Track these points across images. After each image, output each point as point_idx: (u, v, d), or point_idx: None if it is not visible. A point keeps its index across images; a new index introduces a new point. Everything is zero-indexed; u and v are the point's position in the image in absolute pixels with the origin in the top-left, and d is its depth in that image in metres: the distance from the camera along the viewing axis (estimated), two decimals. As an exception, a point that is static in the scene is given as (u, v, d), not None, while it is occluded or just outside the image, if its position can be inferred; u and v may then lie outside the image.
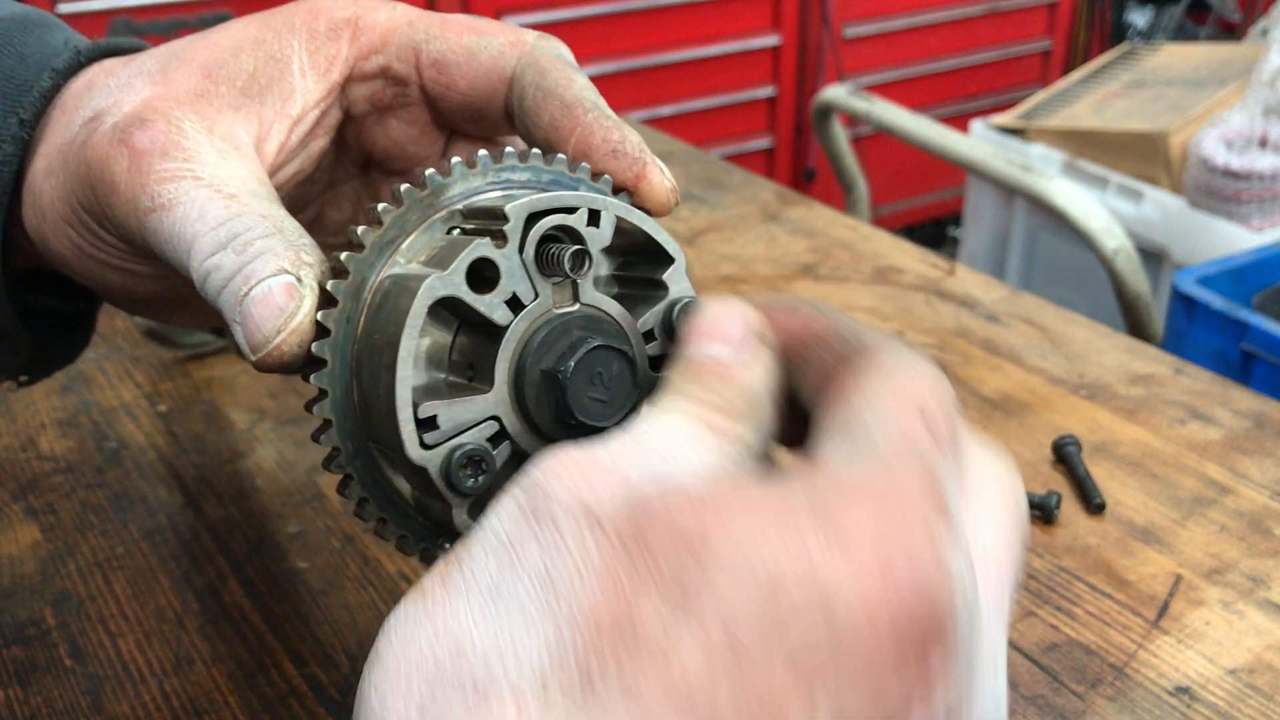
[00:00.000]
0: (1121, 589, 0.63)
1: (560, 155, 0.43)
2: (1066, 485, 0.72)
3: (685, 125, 3.13)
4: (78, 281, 0.51)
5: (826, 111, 2.24)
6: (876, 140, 3.28)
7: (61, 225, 0.48)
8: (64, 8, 2.37)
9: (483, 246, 0.38)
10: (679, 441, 0.34)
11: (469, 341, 0.39)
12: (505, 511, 0.32)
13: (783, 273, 1.01)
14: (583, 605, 0.29)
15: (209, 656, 0.60)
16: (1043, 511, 0.68)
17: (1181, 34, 3.93)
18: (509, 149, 0.42)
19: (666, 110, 3.12)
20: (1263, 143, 2.12)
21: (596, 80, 0.51)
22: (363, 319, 0.40)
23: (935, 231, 3.89)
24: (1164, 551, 0.66)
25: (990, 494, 0.35)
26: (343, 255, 0.40)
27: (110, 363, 0.87)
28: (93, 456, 0.77)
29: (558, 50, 0.49)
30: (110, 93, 0.47)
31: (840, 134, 2.31)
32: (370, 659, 0.31)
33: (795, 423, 0.38)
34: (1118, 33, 3.94)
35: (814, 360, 0.38)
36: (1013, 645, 0.59)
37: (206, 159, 0.44)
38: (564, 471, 0.32)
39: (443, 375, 0.39)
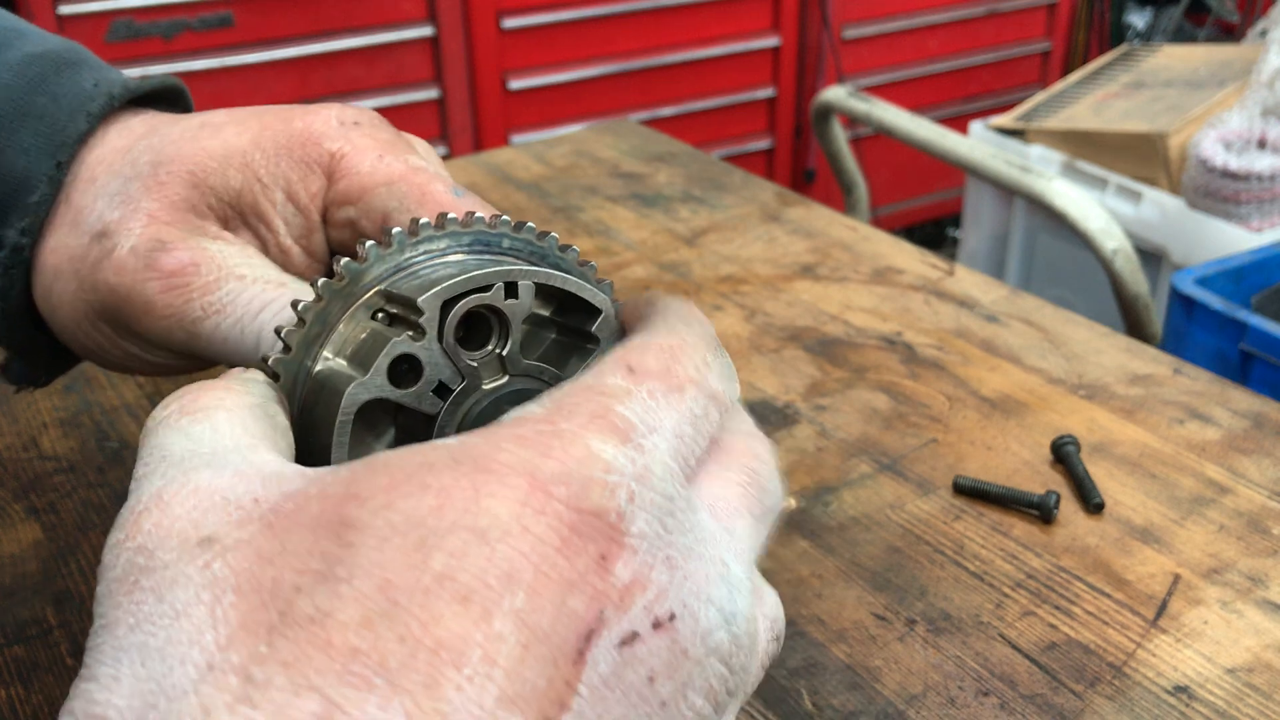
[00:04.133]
0: (1120, 588, 0.63)
1: (478, 214, 0.43)
2: (1065, 485, 0.72)
3: (685, 126, 3.13)
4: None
5: (826, 112, 2.24)
6: (876, 141, 3.28)
7: (79, 325, 0.49)
8: (65, 9, 2.37)
9: (400, 344, 0.37)
10: (209, 441, 0.34)
11: (408, 422, 0.39)
12: (104, 581, 0.30)
13: (782, 273, 1.01)
14: (226, 619, 0.28)
15: (210, 655, 0.60)
16: (1041, 511, 0.69)
17: (1180, 35, 3.93)
18: (424, 219, 0.42)
19: (666, 111, 3.12)
20: (1261, 143, 2.13)
21: (597, 81, 0.51)
22: (297, 418, 0.40)
23: (935, 232, 3.89)
24: (1163, 551, 0.66)
25: (728, 456, 0.38)
26: (271, 359, 0.40)
27: (111, 363, 0.87)
28: (94, 456, 0.77)
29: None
30: (112, 201, 0.47)
31: (840, 135, 2.31)
32: None
33: None
34: (1117, 34, 3.94)
35: None
36: (1011, 644, 0.60)
37: (236, 258, 0.46)
38: (149, 521, 0.31)
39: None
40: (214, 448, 0.33)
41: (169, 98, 0.55)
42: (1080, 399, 0.81)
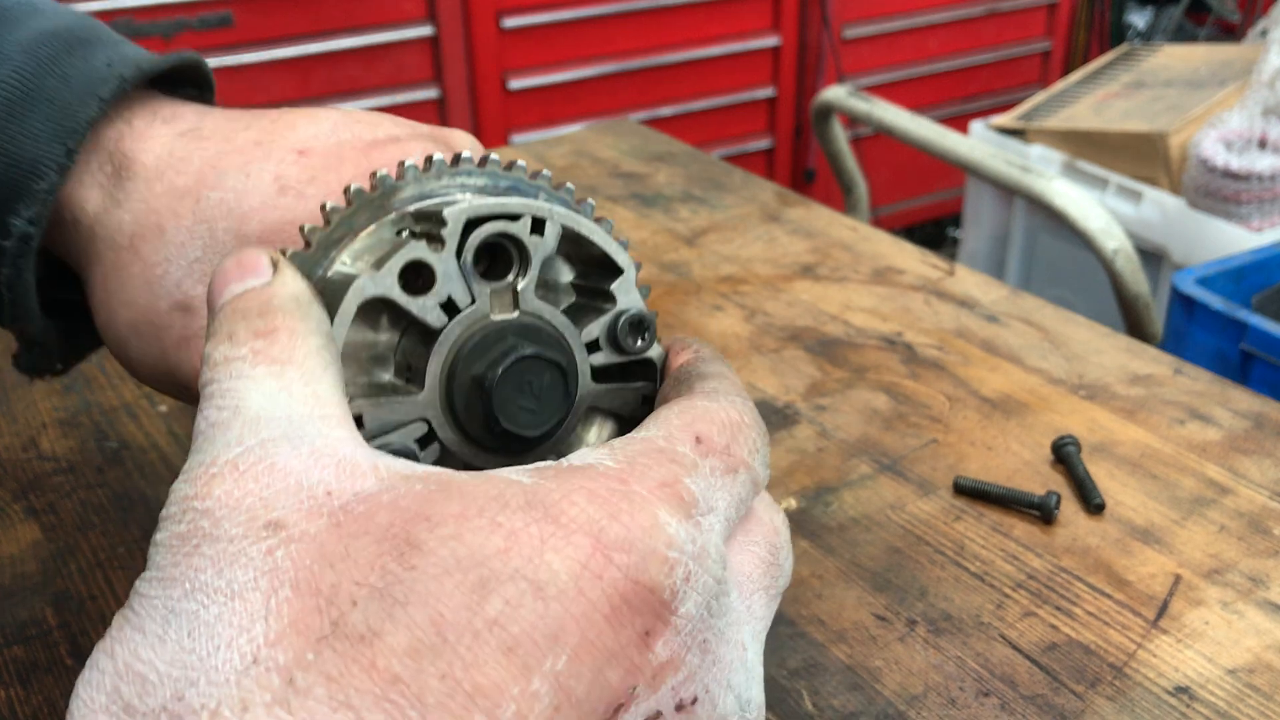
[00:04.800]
0: (1121, 589, 0.63)
1: (520, 163, 0.42)
2: (1066, 485, 0.72)
3: (685, 125, 3.13)
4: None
5: (826, 112, 2.24)
6: (876, 141, 3.28)
7: (159, 382, 0.49)
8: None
9: (417, 249, 0.37)
10: (284, 404, 0.33)
11: (410, 344, 0.39)
12: (167, 531, 0.30)
13: (783, 273, 1.01)
14: (279, 613, 0.28)
15: (210, 656, 0.60)
16: (1042, 512, 0.68)
17: (1181, 35, 3.93)
18: (465, 153, 0.41)
19: (666, 110, 3.12)
20: (1262, 143, 2.13)
21: (597, 80, 0.51)
22: None
23: (935, 232, 3.89)
24: (1163, 551, 0.66)
25: (756, 528, 0.38)
26: (288, 251, 0.39)
27: (111, 363, 0.87)
28: (94, 456, 0.77)
29: None
30: (191, 271, 0.46)
31: (840, 134, 2.31)
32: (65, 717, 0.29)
33: None
34: (1117, 33, 3.94)
35: (665, 398, 0.40)
36: (1012, 645, 0.60)
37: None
38: (220, 488, 0.30)
39: (387, 377, 0.39)
40: (289, 413, 0.32)
41: (188, 74, 0.54)
42: (1081, 399, 0.81)
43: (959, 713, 0.55)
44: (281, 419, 0.32)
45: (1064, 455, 0.73)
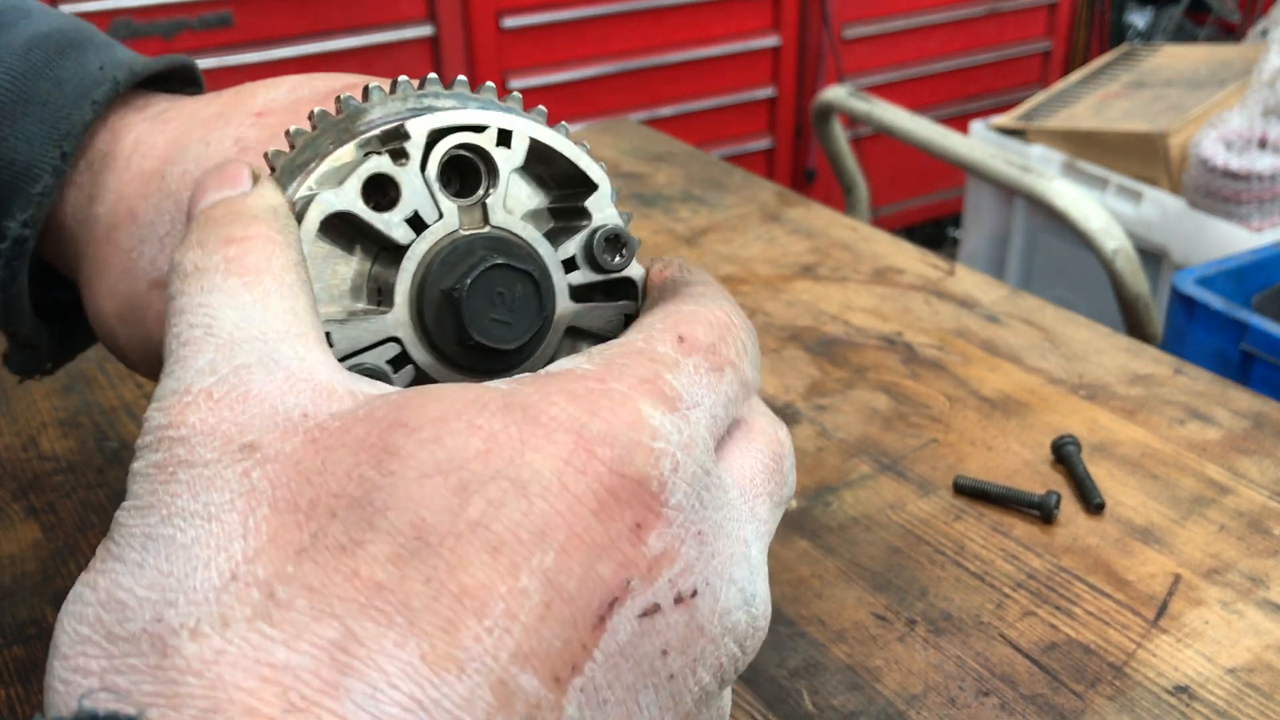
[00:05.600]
0: (1121, 588, 0.63)
1: (489, 84, 0.41)
2: (1066, 485, 0.72)
3: (685, 125, 3.13)
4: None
5: (826, 112, 2.24)
6: (876, 141, 3.28)
7: (154, 369, 0.48)
8: (64, 8, 2.37)
9: (380, 163, 0.36)
10: (259, 321, 0.32)
11: (380, 268, 0.38)
12: (143, 460, 0.30)
13: (783, 273, 1.01)
14: (258, 531, 0.28)
15: (210, 656, 0.60)
16: (1042, 511, 0.68)
17: (1181, 35, 3.93)
18: (432, 75, 0.40)
19: (666, 110, 3.12)
20: (1262, 143, 2.13)
21: (597, 80, 0.50)
22: None
23: (935, 232, 3.89)
24: (1163, 551, 0.66)
25: (759, 437, 0.38)
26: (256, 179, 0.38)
27: (111, 363, 0.87)
28: (94, 456, 0.77)
29: None
30: (163, 246, 0.46)
31: (840, 135, 2.31)
32: (50, 649, 0.29)
33: None
34: (1117, 33, 3.94)
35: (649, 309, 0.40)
36: (1012, 645, 0.60)
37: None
38: (195, 415, 0.30)
39: (360, 305, 0.38)
40: (264, 332, 0.32)
41: (180, 77, 0.54)
42: (1081, 399, 0.81)
43: (959, 712, 0.55)
44: (255, 339, 0.32)
45: (1064, 455, 0.73)
